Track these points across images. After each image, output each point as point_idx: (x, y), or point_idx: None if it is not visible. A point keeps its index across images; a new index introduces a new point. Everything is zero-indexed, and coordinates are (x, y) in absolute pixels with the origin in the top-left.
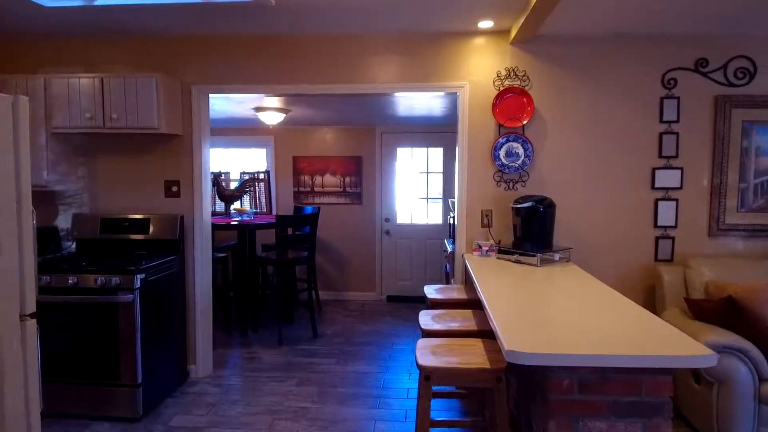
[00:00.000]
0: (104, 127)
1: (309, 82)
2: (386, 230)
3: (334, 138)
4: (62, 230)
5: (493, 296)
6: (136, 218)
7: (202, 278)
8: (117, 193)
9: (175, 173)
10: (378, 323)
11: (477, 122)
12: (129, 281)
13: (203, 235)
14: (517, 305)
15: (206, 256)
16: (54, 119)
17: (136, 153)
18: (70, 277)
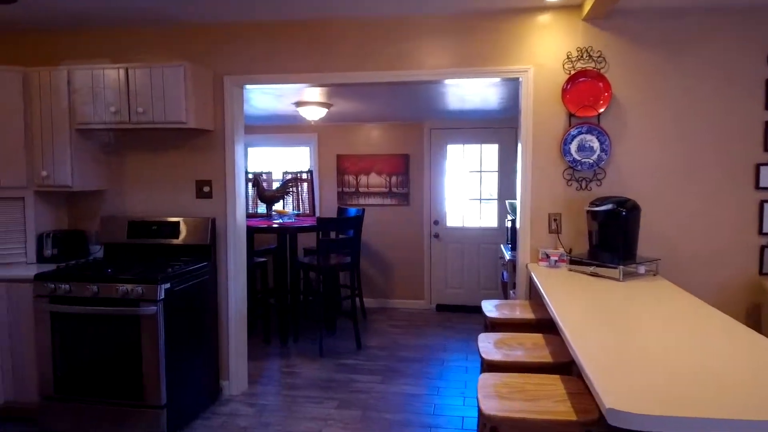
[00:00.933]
0: (130, 122)
1: (350, 70)
2: (435, 234)
3: (379, 135)
4: (90, 234)
5: (572, 320)
6: (165, 221)
7: (236, 287)
8: (145, 195)
9: (207, 172)
10: (426, 335)
11: (543, 112)
12: (152, 292)
13: (237, 240)
14: (604, 333)
15: (240, 263)
16: (78, 114)
17: (165, 150)
18: (91, 286)
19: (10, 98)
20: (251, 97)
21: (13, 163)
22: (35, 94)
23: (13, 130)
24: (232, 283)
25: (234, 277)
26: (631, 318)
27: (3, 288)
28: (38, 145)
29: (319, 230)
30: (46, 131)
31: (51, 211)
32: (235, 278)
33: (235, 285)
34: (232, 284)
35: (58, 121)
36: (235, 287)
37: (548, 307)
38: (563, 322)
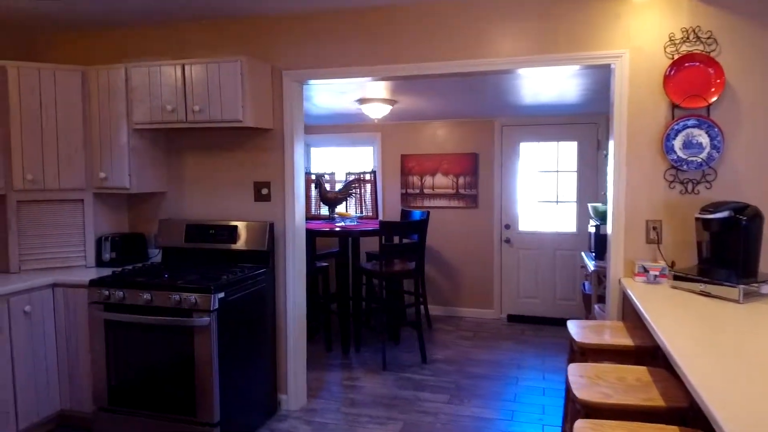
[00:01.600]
0: (186, 121)
1: (415, 61)
2: (506, 238)
3: (446, 133)
4: (150, 237)
5: (687, 352)
6: (222, 225)
7: (295, 295)
8: (204, 197)
9: (266, 174)
10: (498, 349)
11: (640, 102)
12: (205, 301)
13: (296, 246)
14: (732, 371)
15: (299, 270)
16: (135, 114)
17: (223, 151)
18: (145, 293)
19: (70, 98)
20: (312, 95)
21: (72, 164)
22: (94, 93)
23: (72, 130)
24: (290, 290)
25: (293, 284)
26: (763, 351)
27: (60, 293)
28: (96, 146)
29: (382, 234)
30: (105, 131)
31: (111, 214)
32: (294, 286)
33: (294, 293)
34: (291, 292)
35: (115, 121)
36: (294, 295)
37: (654, 334)
38: (678, 356)
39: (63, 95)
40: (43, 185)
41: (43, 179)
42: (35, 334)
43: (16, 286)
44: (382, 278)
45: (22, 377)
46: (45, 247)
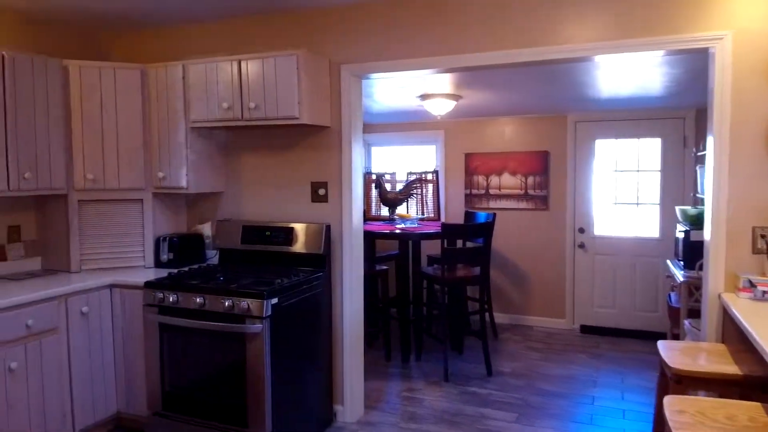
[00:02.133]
0: (242, 119)
1: (481, 50)
2: (580, 243)
3: (514, 130)
4: (207, 237)
5: None
6: (278, 227)
7: (352, 301)
8: (260, 197)
9: (323, 173)
10: (571, 363)
11: (745, 92)
12: (257, 307)
13: (353, 249)
14: None
15: (357, 275)
16: (192, 112)
17: (279, 150)
18: (198, 297)
19: (129, 97)
20: (372, 91)
21: (132, 163)
22: (152, 91)
23: (132, 129)
24: (347, 296)
25: (350, 289)
26: None
27: (117, 294)
28: (155, 145)
29: (445, 238)
30: (163, 130)
31: (170, 214)
32: (351, 291)
33: (351, 299)
34: (348, 298)
35: (173, 120)
36: (351, 301)
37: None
38: None
39: (123, 94)
40: (103, 185)
41: (103, 179)
42: (92, 334)
43: (73, 287)
44: (444, 284)
45: (79, 378)
46: (105, 247)
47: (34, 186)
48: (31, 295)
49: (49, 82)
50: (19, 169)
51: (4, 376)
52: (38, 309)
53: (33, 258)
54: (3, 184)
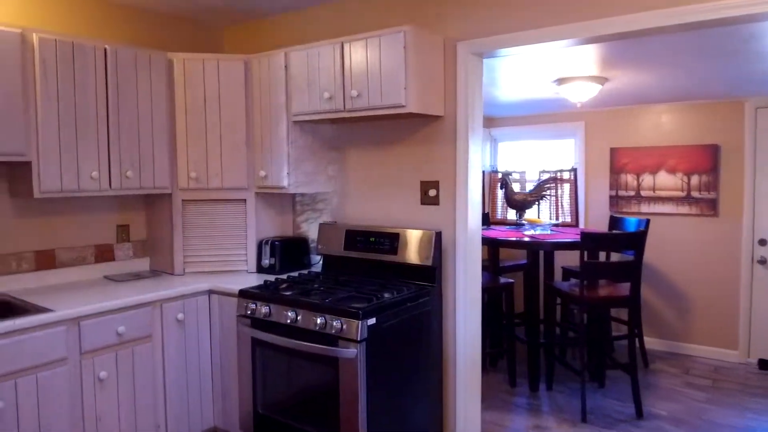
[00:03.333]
0: (344, 110)
1: (631, 11)
2: (760, 258)
3: (674, 119)
4: (313, 241)
5: None
6: (383, 232)
7: (467, 321)
8: (365, 199)
9: (434, 171)
10: (747, 410)
11: None
12: (352, 329)
13: (469, 260)
14: None
15: (473, 291)
16: (293, 104)
17: (386, 145)
18: (289, 311)
19: (232, 90)
20: (497, 77)
21: (234, 161)
22: (255, 84)
23: (235, 125)
24: (461, 315)
25: (464, 307)
26: None
27: (216, 301)
28: (258, 142)
29: (585, 248)
30: (266, 126)
31: (274, 215)
32: (466, 310)
33: (466, 319)
34: (462, 318)
35: (275, 114)
36: (466, 322)
37: None
38: None
39: (226, 87)
40: (206, 184)
41: (206, 177)
42: (189, 343)
43: (167, 292)
44: (583, 304)
45: (174, 389)
46: (208, 249)
47: (136, 185)
48: (122, 301)
49: (153, 76)
50: (121, 167)
51: (92, 386)
52: (130, 315)
53: (142, 258)
54: (105, 182)
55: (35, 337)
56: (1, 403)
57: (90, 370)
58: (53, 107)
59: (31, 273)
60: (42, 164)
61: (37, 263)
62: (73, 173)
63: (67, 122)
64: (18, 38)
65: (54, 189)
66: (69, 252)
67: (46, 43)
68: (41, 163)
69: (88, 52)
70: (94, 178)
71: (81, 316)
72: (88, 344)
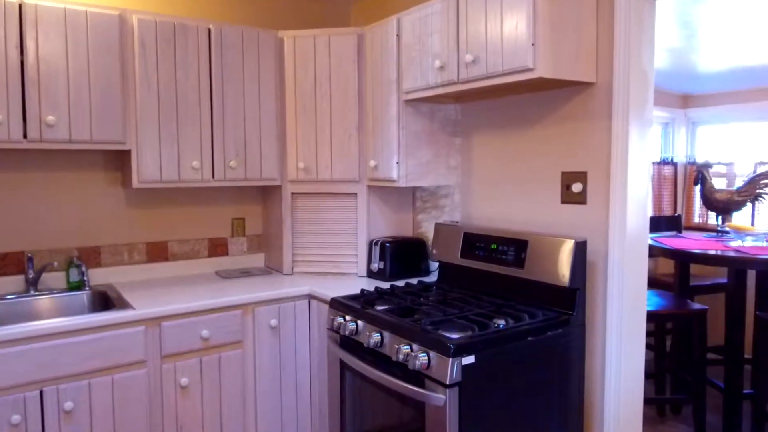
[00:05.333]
0: (458, 81)
1: None
2: None
3: None
4: None
5: None
6: (507, 238)
7: (623, 365)
8: (492, 194)
9: (580, 159)
10: None
11: None
12: (441, 366)
13: (627, 280)
14: None
15: (634, 323)
16: (405, 80)
17: (518, 126)
18: (375, 332)
19: (344, 69)
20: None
21: (345, 149)
22: (368, 59)
23: (346, 109)
24: (612, 356)
25: (618, 345)
26: None
27: (315, 307)
28: (370, 127)
29: None
30: (378, 107)
31: (390, 212)
32: (621, 348)
33: (621, 361)
34: (614, 359)
35: (386, 92)
36: (621, 365)
37: None
38: None
39: (337, 66)
40: (316, 175)
41: (316, 168)
42: (285, 353)
43: (260, 294)
44: None
45: (266, 401)
46: (318, 248)
47: (241, 176)
48: (208, 302)
49: (261, 57)
50: (225, 157)
51: (174, 392)
52: (217, 318)
53: (257, 254)
54: (207, 173)
55: (112, 336)
56: (71, 404)
57: (171, 375)
58: (153, 92)
59: (142, 265)
60: (141, 153)
61: (149, 255)
62: (173, 163)
63: (168, 108)
64: (116, 20)
65: (153, 179)
66: (182, 245)
67: (145, 24)
68: (140, 151)
69: (190, 32)
70: (195, 168)
71: (162, 316)
72: (170, 347)
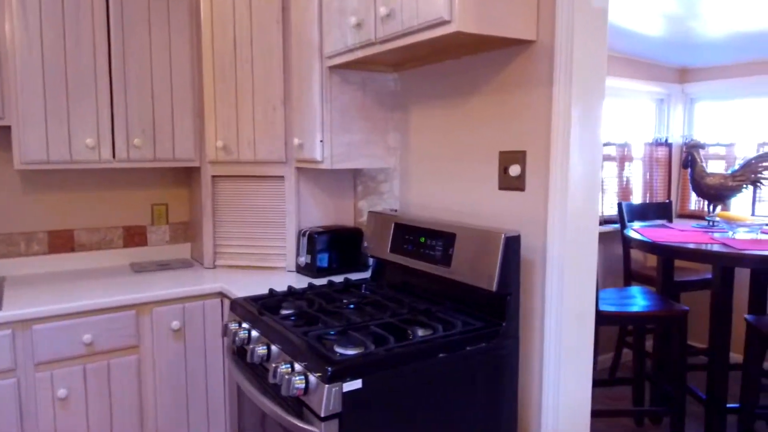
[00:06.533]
0: (376, 41)
1: None
2: None
3: None
4: None
5: None
6: (435, 231)
7: (562, 386)
8: (430, 178)
9: (518, 136)
10: None
11: None
12: (316, 394)
13: (571, 285)
14: None
15: (579, 336)
16: (325, 42)
17: (456, 96)
18: (261, 346)
19: (267, 31)
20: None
21: (270, 126)
22: (294, 18)
23: (270, 79)
24: (550, 376)
25: (557, 364)
26: None
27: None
28: (296, 98)
29: None
30: (303, 77)
31: (326, 198)
32: (561, 367)
33: (562, 383)
34: (552, 380)
35: (308, 57)
36: (562, 388)
37: None
38: None
39: (260, 29)
40: (237, 155)
41: (237, 147)
42: (192, 360)
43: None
44: None
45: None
46: (244, 238)
47: (149, 155)
48: (94, 302)
49: (172, 19)
50: (129, 134)
51: (51, 404)
52: (108, 320)
53: (182, 244)
54: (106, 152)
55: None
56: None
57: (47, 386)
58: (36, 58)
59: (42, 256)
60: (23, 129)
61: (51, 245)
62: (62, 141)
63: (55, 77)
64: None
65: (38, 159)
66: (91, 234)
67: None
68: (21, 127)
69: None
70: (90, 146)
71: (34, 318)
72: (44, 354)
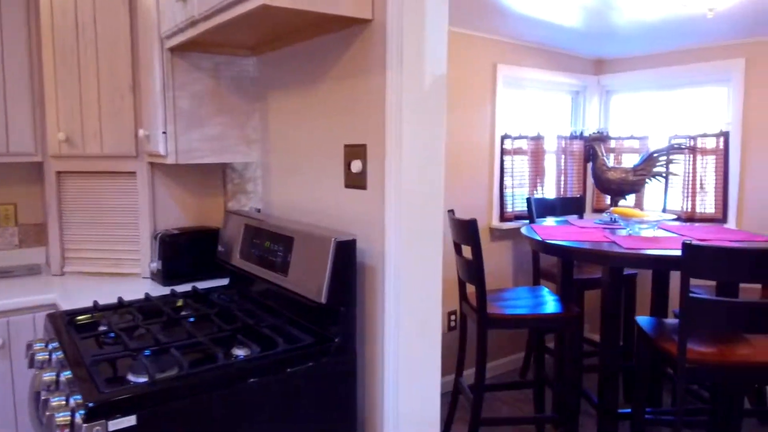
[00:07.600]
0: (198, 17)
1: None
2: None
3: None
4: None
5: None
6: (277, 234)
7: (410, 399)
8: (286, 174)
9: (359, 128)
10: None
11: None
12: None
13: (409, 294)
14: None
15: (425, 359)
16: (162, 21)
17: (309, 83)
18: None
19: (113, 12)
20: None
21: (117, 117)
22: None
23: (117, 65)
24: (391, 398)
25: (396, 384)
26: None
27: None
28: (143, 85)
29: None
30: (147, 62)
31: (188, 197)
32: (402, 390)
33: (401, 404)
34: (391, 401)
35: (150, 39)
36: (401, 410)
37: None
38: None
39: (104, 5)
40: (82, 148)
41: (82, 139)
42: (20, 380)
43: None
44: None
45: None
46: (95, 241)
47: None
48: None
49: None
50: None
51: None
52: None
53: (36, 248)
54: None
55: None
56: None
57: None
58: None
59: None
60: None
61: None
62: None
63: None
64: None
65: None
66: None
67: None
68: None
69: None
70: None
71: None
72: None
